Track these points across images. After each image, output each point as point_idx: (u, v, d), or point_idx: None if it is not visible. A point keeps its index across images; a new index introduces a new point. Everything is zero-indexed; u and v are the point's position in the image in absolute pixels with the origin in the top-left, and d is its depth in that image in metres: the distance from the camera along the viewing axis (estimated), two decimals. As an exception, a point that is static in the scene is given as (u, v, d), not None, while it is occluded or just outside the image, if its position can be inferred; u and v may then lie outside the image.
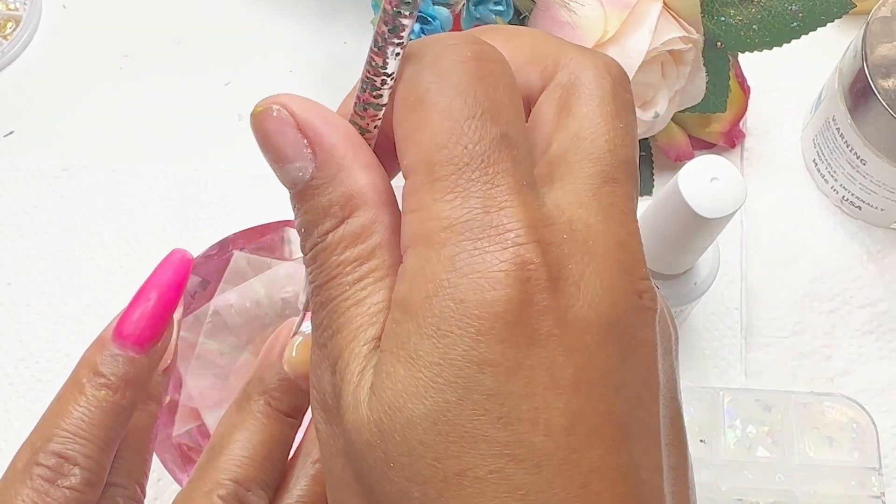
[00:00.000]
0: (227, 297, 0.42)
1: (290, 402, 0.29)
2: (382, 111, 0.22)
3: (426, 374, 0.20)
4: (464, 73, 0.21)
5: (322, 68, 0.59)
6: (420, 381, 0.20)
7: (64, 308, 0.52)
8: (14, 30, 0.60)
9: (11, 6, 0.61)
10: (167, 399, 0.40)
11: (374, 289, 0.22)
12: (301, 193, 0.22)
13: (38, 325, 0.52)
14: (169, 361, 0.32)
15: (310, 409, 0.26)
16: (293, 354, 0.29)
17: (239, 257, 0.43)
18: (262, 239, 0.44)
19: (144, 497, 0.31)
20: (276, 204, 0.55)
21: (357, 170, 0.22)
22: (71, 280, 0.53)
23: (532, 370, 0.20)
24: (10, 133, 0.57)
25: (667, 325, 0.23)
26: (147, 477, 0.31)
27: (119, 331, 0.28)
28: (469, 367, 0.19)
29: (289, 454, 0.30)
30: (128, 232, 0.54)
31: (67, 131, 0.57)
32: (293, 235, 0.44)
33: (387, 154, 0.23)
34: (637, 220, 0.22)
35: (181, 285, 0.29)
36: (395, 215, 0.22)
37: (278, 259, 0.44)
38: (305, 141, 0.22)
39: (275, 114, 0.22)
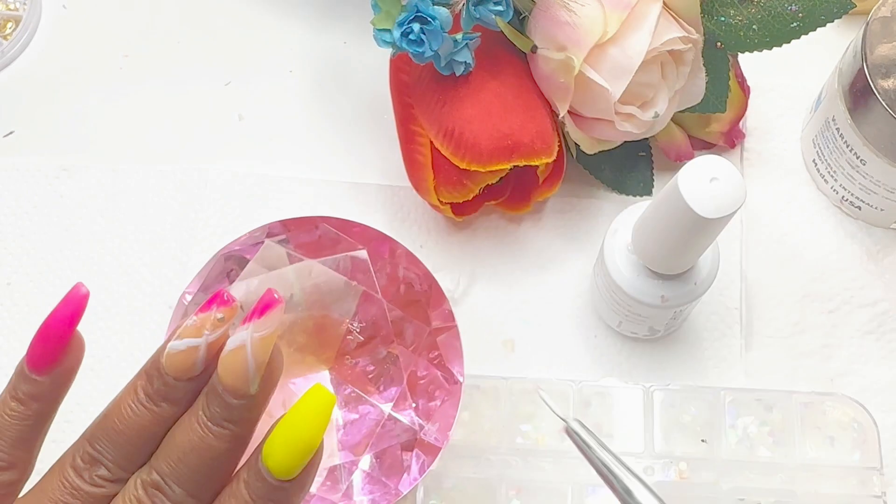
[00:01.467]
0: (248, 283, 0.43)
1: (160, 389, 0.32)
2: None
3: None
4: None
5: (322, 68, 0.59)
6: None
7: (64, 308, 0.52)
8: (14, 30, 0.60)
9: (11, 6, 0.61)
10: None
11: None
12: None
13: (39, 325, 0.52)
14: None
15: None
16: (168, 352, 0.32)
17: (270, 245, 0.44)
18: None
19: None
20: (276, 204, 0.55)
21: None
22: (71, 280, 0.53)
23: None
24: (10, 133, 0.57)
25: None
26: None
27: (27, 356, 0.34)
28: None
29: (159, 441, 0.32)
30: (128, 232, 0.54)
31: (67, 131, 0.57)
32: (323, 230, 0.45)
33: None
34: None
35: (73, 319, 0.33)
36: None
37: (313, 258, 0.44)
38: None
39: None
